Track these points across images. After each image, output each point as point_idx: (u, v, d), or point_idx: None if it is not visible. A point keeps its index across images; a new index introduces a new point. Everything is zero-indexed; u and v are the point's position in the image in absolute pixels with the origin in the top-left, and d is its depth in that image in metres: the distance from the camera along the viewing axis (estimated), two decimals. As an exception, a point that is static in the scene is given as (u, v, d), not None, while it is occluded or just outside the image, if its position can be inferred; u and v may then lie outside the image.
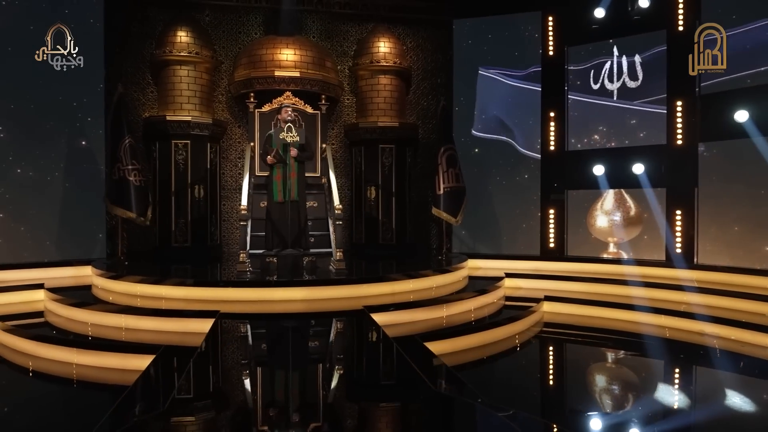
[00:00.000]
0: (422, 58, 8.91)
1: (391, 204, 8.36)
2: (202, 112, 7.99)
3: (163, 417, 2.57)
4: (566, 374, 4.72)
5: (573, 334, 5.96)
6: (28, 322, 5.47)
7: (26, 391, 4.32)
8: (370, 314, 4.67)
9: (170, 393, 2.89)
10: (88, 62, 7.26)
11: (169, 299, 5.37)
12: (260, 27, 8.47)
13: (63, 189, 7.21)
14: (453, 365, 4.49)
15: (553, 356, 5.26)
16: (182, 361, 3.74)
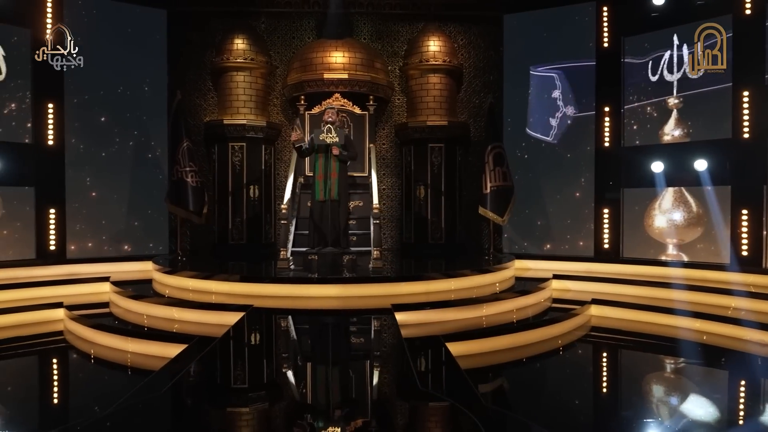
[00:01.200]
0: (474, 56, 8.79)
1: (441, 203, 8.33)
2: (257, 116, 8.35)
3: (162, 398, 2.77)
4: (595, 383, 4.50)
5: (619, 340, 5.67)
6: (94, 312, 5.96)
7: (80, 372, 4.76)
8: (394, 313, 4.70)
9: (176, 377, 3.09)
10: (152, 71, 7.83)
11: (215, 293, 5.66)
12: (313, 31, 8.71)
13: (132, 189, 7.77)
14: (475, 367, 4.47)
15: (587, 362, 5.04)
16: (203, 350, 3.97)
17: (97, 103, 7.49)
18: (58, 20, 7.16)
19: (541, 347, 5.12)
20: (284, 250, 6.07)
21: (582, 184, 7.73)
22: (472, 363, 4.59)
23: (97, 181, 7.52)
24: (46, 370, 4.98)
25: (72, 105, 7.28)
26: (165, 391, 2.91)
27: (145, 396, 2.87)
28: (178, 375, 3.16)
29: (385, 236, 8.85)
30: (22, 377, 4.68)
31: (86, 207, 7.45)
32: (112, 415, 2.68)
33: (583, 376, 4.60)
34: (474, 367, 4.51)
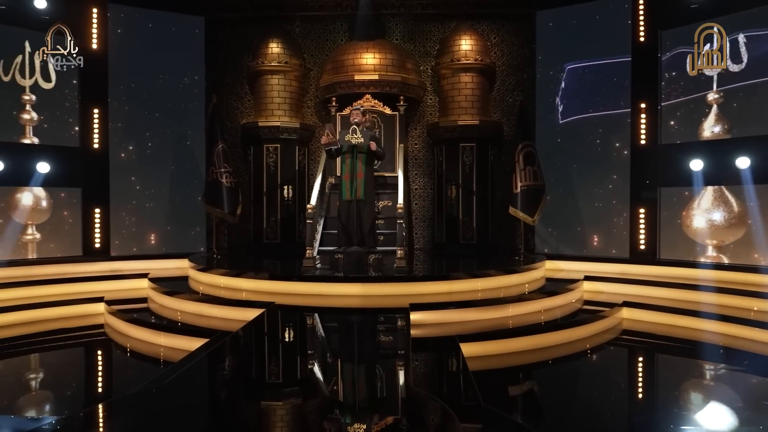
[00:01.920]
0: (507, 54, 8.68)
1: (472, 203, 8.27)
2: (291, 117, 8.54)
3: (166, 387, 2.92)
4: (612, 387, 4.36)
5: (649, 344, 5.49)
6: (133, 307, 6.25)
7: (113, 362, 5.05)
8: (410, 312, 4.72)
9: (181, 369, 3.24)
10: (190, 76, 8.14)
11: (245, 291, 5.83)
12: (345, 33, 8.82)
13: (172, 189, 8.10)
14: (490, 368, 4.44)
15: (610, 366, 4.90)
16: (220, 344, 4.12)
17: (139, 108, 7.84)
18: (103, 29, 7.57)
19: (565, 349, 5.02)
20: (310, 248, 6.19)
21: (618, 183, 7.50)
22: (489, 364, 4.57)
23: (139, 181, 7.88)
24: (84, 359, 5.29)
25: (116, 110, 7.66)
26: (169, 381, 3.05)
27: (149, 384, 3.03)
28: (183, 367, 3.30)
29: (417, 236, 8.87)
30: (60, 366, 4.99)
31: (129, 206, 7.83)
32: (115, 401, 2.86)
33: (601, 379, 4.48)
34: (489, 368, 4.50)
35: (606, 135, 7.60)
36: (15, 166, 6.85)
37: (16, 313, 5.96)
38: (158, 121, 7.96)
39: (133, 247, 7.82)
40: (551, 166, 7.75)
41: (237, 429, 2.49)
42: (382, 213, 7.25)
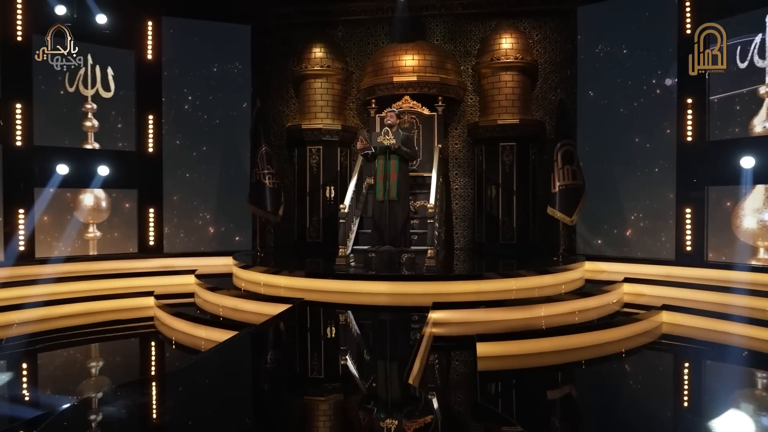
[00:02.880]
0: (549, 51, 8.53)
1: (512, 203, 8.20)
2: (333, 120, 8.77)
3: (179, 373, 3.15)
4: (630, 393, 4.24)
5: (687, 348, 5.28)
6: (180, 301, 6.64)
7: (153, 351, 5.42)
8: (429, 311, 4.79)
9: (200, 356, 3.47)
10: (238, 81, 8.51)
11: (283, 288, 6.07)
12: (387, 36, 8.96)
13: (221, 190, 8.50)
14: (505, 369, 4.45)
15: (635, 370, 4.76)
16: (242, 335, 4.35)
17: (189, 113, 8.30)
18: (158, 41, 8.07)
19: (591, 352, 4.94)
20: (343, 247, 6.37)
21: (664, 182, 7.21)
22: (508, 364, 4.57)
23: (191, 183, 8.33)
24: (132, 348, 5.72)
25: (168, 116, 8.15)
26: (184, 367, 3.29)
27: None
28: (202, 355, 3.54)
29: (458, 236, 8.88)
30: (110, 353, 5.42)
31: (181, 207, 8.29)
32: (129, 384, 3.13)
33: (619, 384, 4.37)
34: (506, 368, 4.50)
35: (650, 132, 7.32)
36: (78, 170, 7.44)
37: (77, 305, 6.50)
38: (208, 125, 8.38)
39: (185, 245, 8.27)
40: (593, 164, 7.55)
41: (227, 397, 2.66)
42: (418, 213, 7.33)
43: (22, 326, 5.73)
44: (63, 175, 7.31)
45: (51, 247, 7.40)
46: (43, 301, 6.25)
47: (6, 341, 5.11)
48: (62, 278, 6.84)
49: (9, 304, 6.00)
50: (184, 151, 8.29)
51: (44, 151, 7.23)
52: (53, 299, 6.36)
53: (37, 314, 6.03)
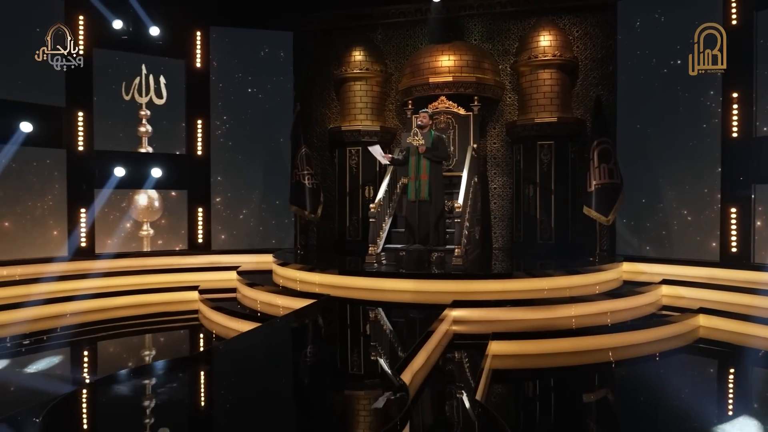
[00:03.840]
0: (590, 47, 8.36)
1: (550, 202, 8.10)
2: (373, 121, 8.96)
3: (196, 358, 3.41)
4: (628, 399, 4.14)
5: (721, 353, 5.09)
6: (224, 296, 7.02)
7: (193, 342, 5.79)
8: (446, 308, 4.86)
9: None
10: (280, 86, 8.86)
11: (318, 284, 6.29)
12: (425, 37, 9.05)
13: (265, 191, 8.88)
14: (519, 368, 4.48)
15: (651, 376, 4.62)
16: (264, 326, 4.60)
17: (236, 117, 8.71)
18: (206, 50, 8.54)
19: (614, 354, 4.84)
20: (373, 246, 6.54)
21: (708, 181, 6.93)
22: (523, 363, 4.59)
23: (237, 184, 8.75)
24: (174, 338, 6.13)
25: (216, 120, 8.60)
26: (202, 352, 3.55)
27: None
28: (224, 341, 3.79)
29: (496, 235, 8.85)
30: (150, 342, 5.84)
31: (228, 206, 8.73)
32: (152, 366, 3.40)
33: (629, 389, 4.27)
34: (521, 367, 4.53)
35: (694, 128, 7.05)
36: (133, 172, 8.00)
37: (130, 297, 7.03)
38: (252, 129, 8.77)
39: (232, 243, 8.70)
40: (634, 163, 7.35)
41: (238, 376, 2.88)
42: (453, 212, 7.37)
43: (79, 316, 6.28)
44: (120, 177, 7.89)
45: (109, 244, 7.99)
46: (100, 293, 6.81)
47: (60, 329, 5.61)
48: (118, 272, 7.42)
49: (67, 295, 6.56)
50: (230, 154, 8.71)
51: (103, 155, 7.84)
52: (109, 291, 6.92)
53: (93, 305, 6.57)
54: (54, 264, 7.15)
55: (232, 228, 8.76)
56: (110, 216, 8.04)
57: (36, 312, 6.04)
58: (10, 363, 4.75)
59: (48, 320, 6.02)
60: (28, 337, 5.40)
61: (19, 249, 7.13)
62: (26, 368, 4.62)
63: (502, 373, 4.32)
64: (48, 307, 6.23)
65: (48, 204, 7.44)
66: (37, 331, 5.62)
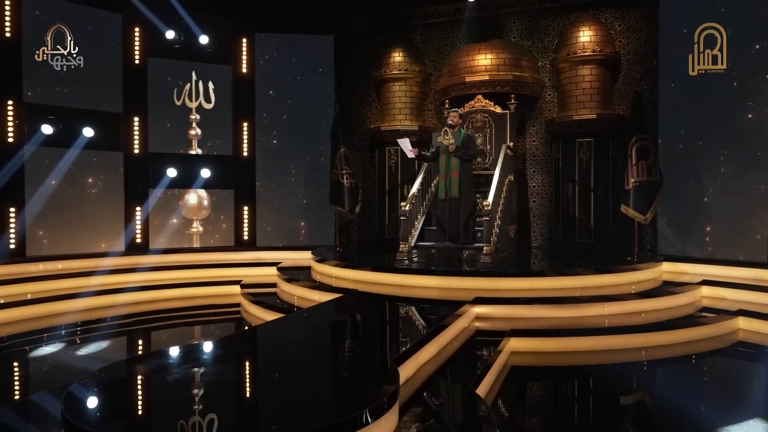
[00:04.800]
0: (633, 41, 8.14)
1: (590, 201, 7.96)
2: (411, 121, 9.10)
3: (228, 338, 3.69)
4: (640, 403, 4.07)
5: (757, 356, 4.90)
6: (265, 291, 7.35)
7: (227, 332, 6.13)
8: (464, 305, 4.94)
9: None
10: (322, 88, 9.13)
11: (352, 280, 6.50)
12: (464, 37, 9.09)
13: (308, 190, 9.19)
14: (537, 365, 4.51)
15: (669, 378, 4.52)
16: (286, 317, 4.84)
17: (279, 119, 9.07)
18: (251, 55, 8.95)
19: (638, 355, 4.78)
20: (404, 243, 6.68)
21: (754, 177, 6.62)
22: (542, 361, 4.61)
23: (281, 183, 9.10)
24: (211, 328, 6.51)
25: (261, 122, 8.99)
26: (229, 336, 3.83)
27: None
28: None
29: (535, 234, 8.78)
30: (190, 331, 6.25)
31: (272, 205, 9.10)
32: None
33: (649, 391, 4.21)
34: (539, 365, 4.55)
35: (738, 122, 6.74)
36: (184, 173, 8.51)
37: (178, 290, 7.52)
38: (295, 130, 9.09)
39: (275, 240, 9.07)
40: (676, 160, 7.11)
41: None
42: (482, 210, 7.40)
43: (130, 306, 6.79)
44: (171, 177, 8.41)
45: (161, 240, 8.53)
46: (150, 285, 7.33)
47: (110, 319, 6.09)
48: (168, 267, 7.93)
49: (122, 286, 7.09)
50: (274, 155, 9.08)
51: (156, 157, 8.38)
52: (159, 284, 7.43)
53: (143, 297, 7.09)
54: (111, 258, 7.73)
55: (275, 226, 9.12)
56: (163, 214, 8.57)
57: (92, 302, 6.59)
58: (64, 347, 5.22)
59: (102, 310, 6.53)
60: (84, 324, 5.91)
61: (80, 243, 7.75)
62: (77, 351, 5.09)
63: (519, 370, 4.37)
64: (104, 297, 6.78)
65: (106, 202, 8.03)
66: (91, 319, 6.12)
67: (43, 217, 7.43)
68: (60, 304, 6.27)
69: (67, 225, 7.68)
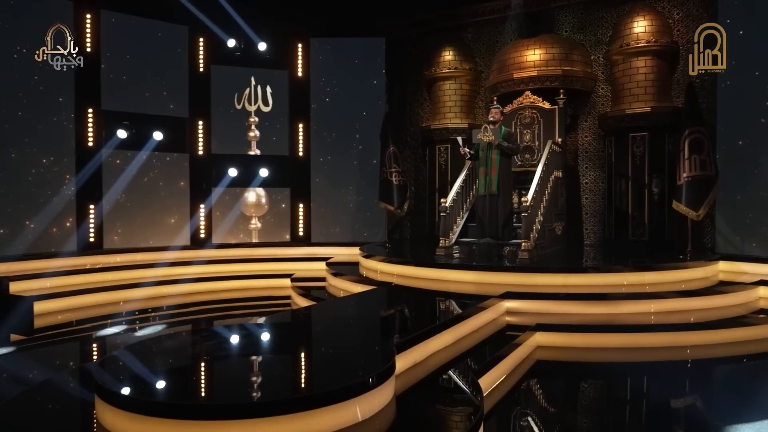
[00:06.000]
0: (693, 29, 7.69)
1: (643, 197, 7.69)
2: (462, 119, 9.17)
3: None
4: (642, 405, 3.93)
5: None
6: (314, 284, 7.71)
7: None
8: (489, 299, 4.99)
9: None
10: (374, 89, 9.39)
11: (396, 275, 6.71)
12: (514, 33, 9.03)
13: (360, 188, 9.49)
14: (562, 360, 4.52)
15: (688, 380, 4.34)
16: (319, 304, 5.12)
17: (333, 120, 9.42)
18: (306, 60, 9.36)
19: (673, 354, 4.65)
20: (444, 239, 6.80)
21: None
22: (568, 356, 4.60)
23: (334, 181, 9.45)
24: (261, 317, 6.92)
25: (315, 123, 9.39)
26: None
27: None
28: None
29: (588, 231, 8.59)
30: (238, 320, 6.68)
31: (326, 202, 9.47)
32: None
33: (665, 392, 4.09)
34: (564, 360, 4.55)
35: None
36: (244, 172, 9.06)
37: (235, 281, 8.07)
38: (347, 130, 9.42)
39: (329, 236, 9.43)
40: (736, 154, 6.74)
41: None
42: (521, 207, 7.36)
43: (190, 296, 7.37)
44: (232, 177, 8.98)
45: (222, 235, 9.12)
46: (209, 277, 7.91)
47: (172, 307, 6.66)
48: (228, 260, 8.48)
49: (182, 278, 7.69)
50: (328, 154, 9.45)
51: (219, 158, 8.98)
52: (217, 276, 8.00)
53: (202, 287, 7.67)
54: (176, 251, 8.39)
55: (329, 222, 9.48)
56: (224, 211, 9.16)
57: (157, 291, 7.23)
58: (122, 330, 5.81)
59: (166, 298, 7.14)
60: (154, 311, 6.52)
61: (149, 237, 8.47)
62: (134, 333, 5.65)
63: (543, 364, 4.41)
64: (167, 287, 7.41)
65: (173, 200, 8.71)
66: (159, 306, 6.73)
67: (117, 213, 8.19)
68: (128, 292, 6.95)
69: (138, 220, 8.40)
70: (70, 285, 6.78)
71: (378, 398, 2.80)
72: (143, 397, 2.51)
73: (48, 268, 6.98)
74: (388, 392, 2.92)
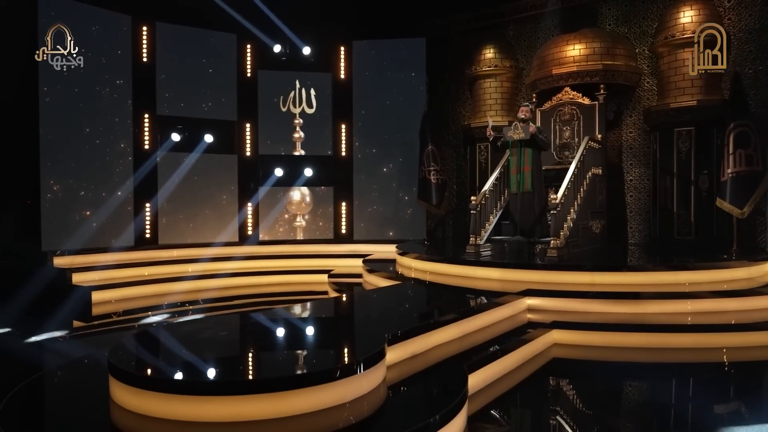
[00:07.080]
0: (746, 17, 7.37)
1: (689, 194, 7.39)
2: (503, 116, 9.12)
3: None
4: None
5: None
6: (351, 280, 7.95)
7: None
8: (505, 295, 5.00)
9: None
10: (415, 89, 9.49)
11: (429, 272, 6.82)
12: (557, 28, 8.88)
13: (400, 186, 9.64)
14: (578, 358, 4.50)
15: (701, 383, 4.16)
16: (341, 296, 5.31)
17: (374, 121, 9.61)
18: (349, 62, 9.62)
19: (696, 355, 4.51)
20: (474, 237, 6.82)
21: None
22: (585, 354, 4.56)
23: (375, 180, 9.64)
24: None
25: (358, 124, 9.62)
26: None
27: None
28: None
29: (632, 230, 8.32)
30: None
31: (368, 201, 9.67)
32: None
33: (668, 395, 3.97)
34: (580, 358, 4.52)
35: None
36: (290, 172, 9.44)
37: (277, 276, 8.43)
38: (389, 130, 9.58)
39: (371, 233, 9.63)
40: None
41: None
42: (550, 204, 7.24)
43: (233, 289, 7.79)
44: (278, 177, 9.38)
45: (269, 232, 9.54)
46: (253, 271, 8.32)
47: (203, 301, 7.08)
48: (273, 256, 8.89)
49: (228, 272, 8.15)
50: (370, 153, 9.65)
51: (265, 159, 9.40)
52: (260, 271, 8.40)
53: (245, 282, 8.10)
54: (225, 247, 8.87)
55: (371, 220, 9.69)
56: (270, 209, 9.56)
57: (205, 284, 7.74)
58: (162, 319, 6.26)
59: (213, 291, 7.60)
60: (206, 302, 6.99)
61: (200, 234, 8.98)
62: (174, 321, 6.08)
63: (558, 362, 4.41)
64: (215, 280, 7.91)
65: (223, 199, 9.20)
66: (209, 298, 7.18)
67: (171, 210, 8.75)
68: (177, 284, 7.46)
69: (190, 217, 8.94)
70: (127, 277, 7.39)
71: (364, 383, 2.95)
72: (140, 373, 2.81)
73: (104, 261, 7.60)
74: (375, 378, 3.07)
